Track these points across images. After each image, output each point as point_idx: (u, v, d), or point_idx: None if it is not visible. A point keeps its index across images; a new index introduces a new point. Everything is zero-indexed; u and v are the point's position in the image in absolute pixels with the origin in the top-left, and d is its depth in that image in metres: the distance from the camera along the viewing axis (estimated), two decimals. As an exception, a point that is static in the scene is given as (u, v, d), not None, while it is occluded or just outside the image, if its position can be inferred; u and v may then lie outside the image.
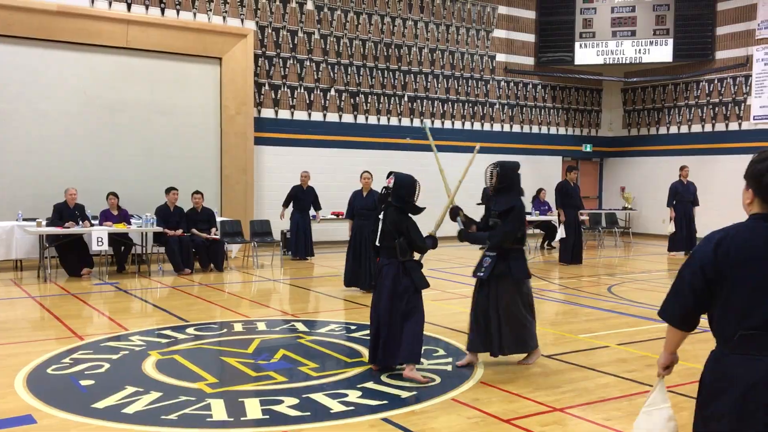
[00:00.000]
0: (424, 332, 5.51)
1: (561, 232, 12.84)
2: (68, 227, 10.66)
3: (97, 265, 11.52)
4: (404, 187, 5.40)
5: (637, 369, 5.78)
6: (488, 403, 4.83)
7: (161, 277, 11.08)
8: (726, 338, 2.40)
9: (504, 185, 5.79)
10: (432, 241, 5.60)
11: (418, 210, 5.48)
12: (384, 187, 5.44)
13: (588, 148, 20.43)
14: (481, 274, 5.68)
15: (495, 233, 5.71)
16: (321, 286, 10.22)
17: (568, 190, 13.02)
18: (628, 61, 18.46)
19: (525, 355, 5.89)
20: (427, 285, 5.48)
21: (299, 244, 13.15)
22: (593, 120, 20.77)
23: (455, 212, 5.87)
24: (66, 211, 10.97)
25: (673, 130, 19.30)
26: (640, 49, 18.32)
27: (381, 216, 5.45)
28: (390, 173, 5.48)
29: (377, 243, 5.45)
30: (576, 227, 13.00)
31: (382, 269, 5.43)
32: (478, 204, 6.21)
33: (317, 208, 13.47)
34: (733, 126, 17.77)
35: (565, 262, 12.89)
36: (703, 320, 2.61)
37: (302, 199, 13.32)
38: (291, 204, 13.37)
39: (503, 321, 5.65)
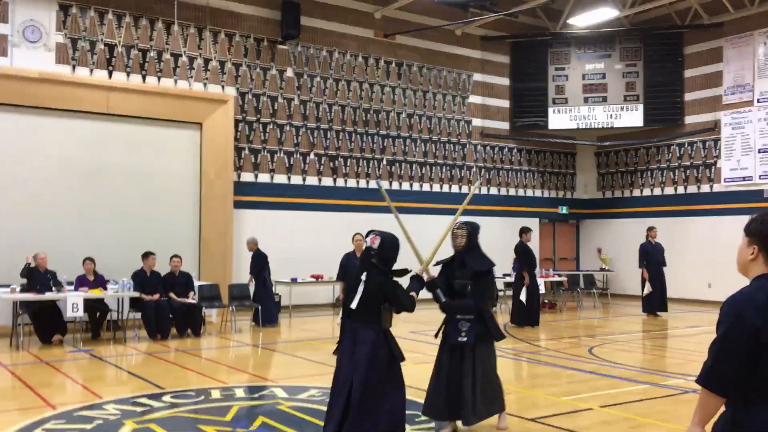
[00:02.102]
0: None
1: (524, 295, 12.71)
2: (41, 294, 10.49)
3: (71, 332, 11.28)
4: (391, 249, 4.96)
5: (620, 431, 5.72)
6: (473, 469, 4.73)
7: (137, 343, 10.87)
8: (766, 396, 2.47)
9: (473, 244, 5.75)
10: (418, 285, 5.27)
11: (402, 273, 5.06)
12: (367, 248, 4.98)
13: (564, 209, 20.72)
14: (464, 338, 5.45)
15: (478, 297, 5.57)
16: (300, 351, 10.08)
17: (529, 251, 13.06)
18: (600, 126, 18.96)
19: (496, 420, 5.78)
20: (403, 358, 4.98)
21: (257, 311, 12.93)
22: (568, 183, 21.13)
23: (433, 285, 5.49)
24: (37, 275, 10.80)
25: (646, 192, 19.68)
26: (611, 114, 18.85)
27: (363, 278, 4.88)
28: (371, 232, 5.01)
29: (354, 306, 4.83)
30: (535, 289, 12.98)
31: (356, 333, 4.84)
32: (437, 264, 5.79)
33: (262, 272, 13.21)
34: (705, 188, 18.18)
35: (519, 325, 12.73)
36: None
37: (252, 265, 13.30)
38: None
39: (478, 386, 5.49)
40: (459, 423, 5.64)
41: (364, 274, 4.91)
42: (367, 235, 5.03)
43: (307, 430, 5.72)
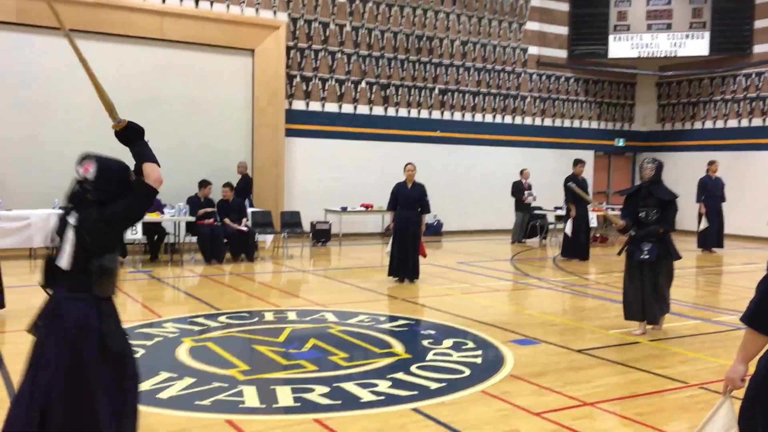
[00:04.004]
0: (449, 324, 5.49)
1: (569, 228, 12.64)
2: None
3: (130, 254, 11.72)
4: (115, 175, 3.30)
5: (669, 365, 5.72)
6: (518, 396, 4.82)
7: (193, 265, 11.24)
8: None
9: (658, 178, 6.75)
10: (144, 145, 3.56)
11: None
12: (78, 181, 3.23)
13: (621, 142, 20.19)
14: (647, 256, 6.48)
15: (668, 220, 6.59)
16: (350, 277, 10.27)
17: (578, 184, 12.78)
18: (663, 55, 18.18)
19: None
20: (123, 352, 3.24)
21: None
22: (626, 114, 20.50)
23: (628, 229, 6.67)
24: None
25: (709, 125, 18.96)
26: (675, 43, 18.02)
27: (73, 221, 3.17)
28: (84, 157, 3.29)
29: (62, 264, 3.14)
30: (585, 223, 12.81)
31: (58, 307, 3.13)
32: (622, 194, 7.07)
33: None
34: (771, 121, 17.41)
35: (567, 257, 12.71)
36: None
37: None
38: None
39: (657, 295, 6.61)
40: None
41: (74, 216, 3.19)
42: (79, 163, 3.29)
43: (356, 354, 5.89)
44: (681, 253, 6.86)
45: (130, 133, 3.46)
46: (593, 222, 13.57)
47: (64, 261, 3.14)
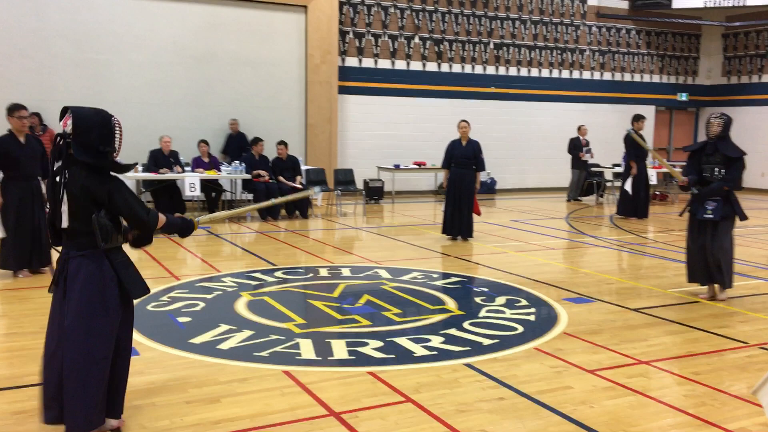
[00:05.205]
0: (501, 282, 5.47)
1: (629, 185, 12.32)
2: (162, 173, 11.15)
3: (189, 210, 12.01)
4: (94, 128, 3.24)
5: (728, 325, 5.61)
6: (572, 353, 4.81)
7: (250, 222, 11.46)
8: None
9: (725, 134, 6.35)
10: (178, 224, 3.66)
11: (123, 167, 3.44)
12: (59, 135, 3.28)
13: (684, 96, 19.48)
14: (711, 216, 6.18)
15: (733, 177, 6.22)
16: (403, 235, 10.33)
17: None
18: (730, 4, 17.31)
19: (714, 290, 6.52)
20: (144, 291, 3.54)
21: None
22: (690, 67, 19.73)
23: (690, 186, 6.33)
24: (161, 158, 11.44)
25: (779, 77, 18.12)
26: (745, -9, 17.14)
27: (63, 179, 3.25)
28: (66, 110, 3.27)
29: (64, 224, 3.28)
30: (645, 180, 12.47)
31: (66, 264, 3.30)
32: (686, 150, 6.78)
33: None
34: None
35: (624, 215, 12.44)
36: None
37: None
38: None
39: (721, 257, 6.26)
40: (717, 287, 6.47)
41: (65, 173, 3.25)
42: (61, 117, 3.29)
43: (409, 309, 5.96)
44: (746, 213, 6.55)
45: (186, 227, 3.71)
46: (653, 179, 13.23)
47: (64, 221, 3.28)
